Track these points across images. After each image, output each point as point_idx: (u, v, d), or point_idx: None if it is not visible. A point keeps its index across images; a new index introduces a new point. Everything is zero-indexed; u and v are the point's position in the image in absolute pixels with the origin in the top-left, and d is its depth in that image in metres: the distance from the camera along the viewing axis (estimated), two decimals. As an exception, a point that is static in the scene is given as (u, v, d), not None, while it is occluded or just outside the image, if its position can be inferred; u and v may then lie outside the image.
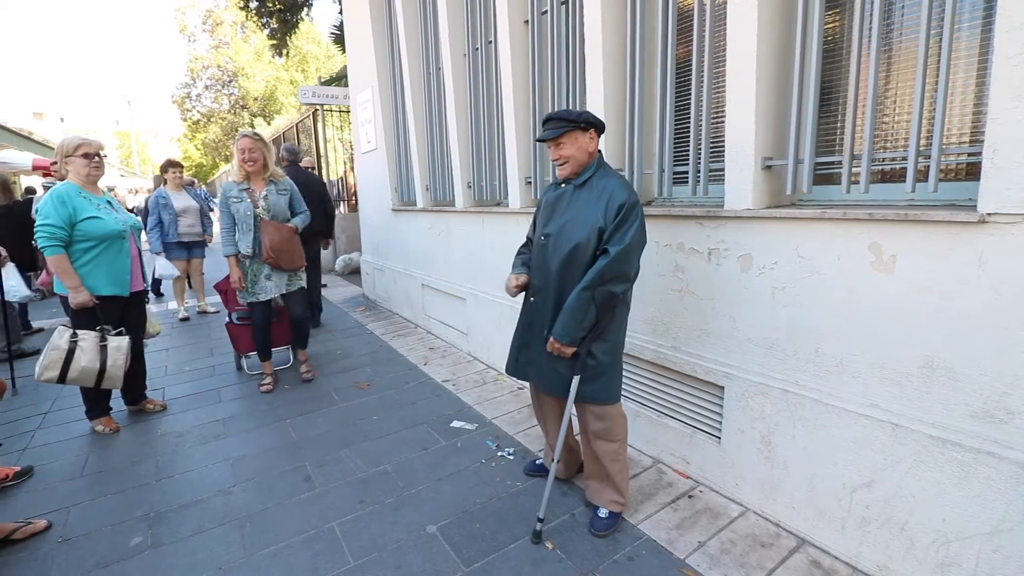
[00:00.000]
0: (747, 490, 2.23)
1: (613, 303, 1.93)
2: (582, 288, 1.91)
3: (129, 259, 2.96)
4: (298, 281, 3.72)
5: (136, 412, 3.38)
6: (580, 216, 1.96)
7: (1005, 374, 1.49)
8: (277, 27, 12.21)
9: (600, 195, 1.94)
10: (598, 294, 1.90)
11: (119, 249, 2.90)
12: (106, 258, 2.85)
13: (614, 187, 1.94)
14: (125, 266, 2.94)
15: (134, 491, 2.51)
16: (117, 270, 2.90)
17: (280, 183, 3.58)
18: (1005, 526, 1.52)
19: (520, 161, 3.46)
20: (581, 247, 1.94)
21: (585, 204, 1.97)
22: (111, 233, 2.83)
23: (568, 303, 1.94)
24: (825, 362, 1.91)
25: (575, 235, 1.95)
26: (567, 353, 1.99)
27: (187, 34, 26.59)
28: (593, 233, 1.91)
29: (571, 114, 1.97)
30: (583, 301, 1.91)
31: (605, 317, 1.94)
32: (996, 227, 1.46)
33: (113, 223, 2.86)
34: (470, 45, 3.93)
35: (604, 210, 1.91)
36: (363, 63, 5.83)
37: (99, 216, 2.80)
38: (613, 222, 1.89)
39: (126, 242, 2.94)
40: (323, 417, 3.25)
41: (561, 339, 1.96)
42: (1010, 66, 1.38)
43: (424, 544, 2.08)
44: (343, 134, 10.20)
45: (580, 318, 1.93)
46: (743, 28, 1.98)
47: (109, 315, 2.92)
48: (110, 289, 2.88)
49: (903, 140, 1.79)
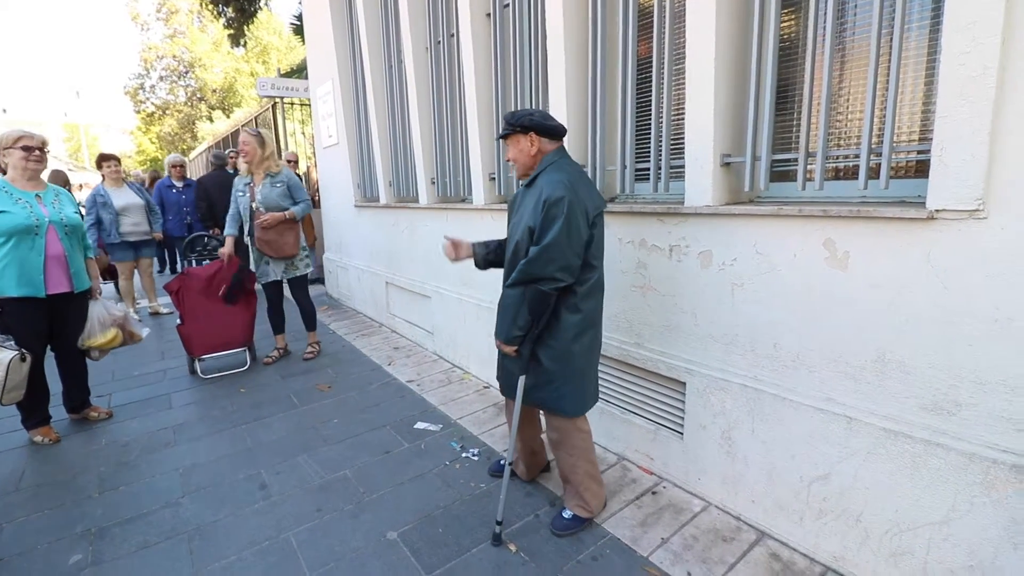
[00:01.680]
0: (709, 485, 2.24)
1: (546, 301, 1.86)
2: (507, 286, 1.92)
3: (43, 257, 2.72)
4: (294, 271, 4.03)
5: (79, 420, 3.19)
6: (522, 216, 1.95)
7: (953, 367, 1.53)
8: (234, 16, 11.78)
9: (536, 193, 1.89)
10: (528, 292, 1.85)
11: (30, 246, 2.67)
12: (16, 255, 2.64)
13: (545, 183, 1.86)
14: (37, 264, 2.70)
15: (74, 505, 2.37)
16: (28, 268, 2.67)
17: (276, 176, 3.85)
18: (954, 515, 1.56)
19: (484, 157, 3.40)
20: (519, 247, 1.92)
21: (526, 204, 1.95)
22: (17, 228, 2.62)
23: (499, 301, 1.97)
24: (783, 357, 1.93)
25: (516, 236, 1.95)
26: (507, 351, 2.00)
27: (140, 22, 25.50)
28: (526, 233, 1.88)
29: (513, 117, 1.97)
30: (511, 299, 1.90)
31: (542, 317, 1.89)
32: (944, 223, 1.49)
33: (22, 217, 2.64)
34: (432, 38, 3.85)
35: (534, 208, 1.86)
36: (323, 55, 5.66)
37: (7, 210, 2.61)
38: (539, 220, 1.83)
39: (39, 238, 2.70)
40: (280, 422, 3.14)
41: (496, 336, 1.98)
42: (956, 64, 1.41)
43: (384, 551, 2.02)
44: (306, 128, 9.92)
45: (510, 316, 1.91)
46: (702, 26, 1.97)
47: (28, 319, 2.73)
48: (20, 290, 2.66)
49: (856, 138, 1.82)
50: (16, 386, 2.67)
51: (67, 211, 2.86)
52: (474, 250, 2.26)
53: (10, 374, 2.60)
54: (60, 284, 2.82)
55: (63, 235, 2.81)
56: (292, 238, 3.90)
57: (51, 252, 2.76)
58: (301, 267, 4.07)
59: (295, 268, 4.03)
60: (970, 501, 1.52)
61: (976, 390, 1.49)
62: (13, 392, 2.66)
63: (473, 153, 3.46)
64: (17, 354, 2.63)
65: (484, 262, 2.27)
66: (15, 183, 2.71)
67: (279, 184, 3.84)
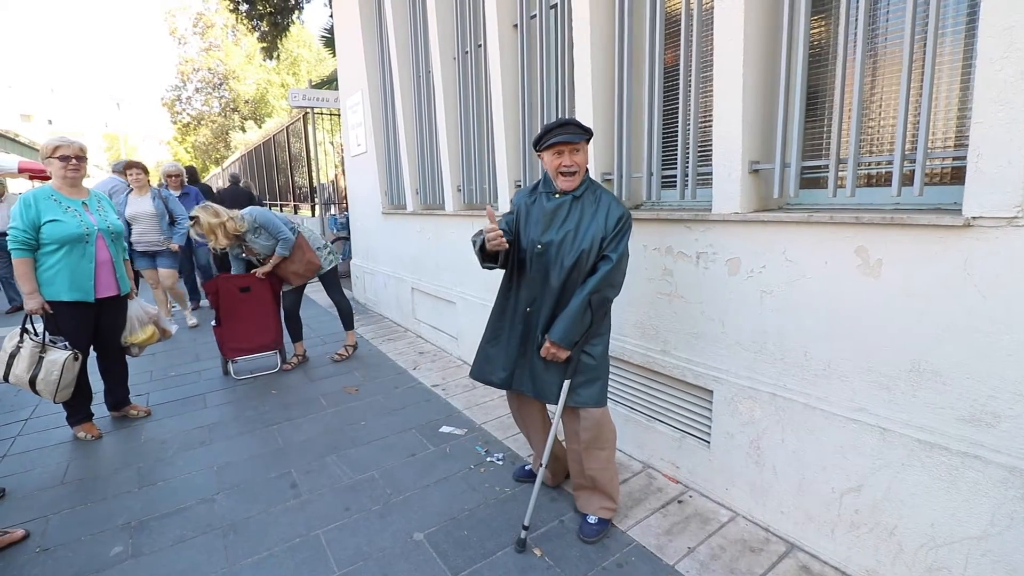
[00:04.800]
0: (736, 495, 2.22)
1: (606, 308, 2.02)
2: (587, 293, 1.95)
3: (93, 263, 2.85)
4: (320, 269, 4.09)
5: (119, 418, 3.32)
6: (582, 226, 1.99)
7: (991, 377, 1.49)
8: (267, 30, 12.16)
9: (599, 206, 2.00)
10: (595, 299, 1.96)
11: (81, 253, 2.80)
12: (68, 262, 2.77)
13: (611, 200, 2.02)
14: (88, 271, 2.83)
15: (115, 499, 2.46)
16: (79, 275, 2.80)
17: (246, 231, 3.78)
18: (993, 530, 1.51)
19: (510, 165, 3.44)
20: (585, 255, 1.97)
21: (586, 214, 2.00)
22: (69, 236, 2.75)
23: (570, 308, 1.97)
24: (813, 366, 1.90)
25: (580, 244, 1.97)
26: (562, 357, 2.01)
27: (177, 36, 26.41)
28: (596, 242, 1.97)
29: (581, 124, 1.98)
30: (584, 305, 1.96)
31: (598, 321, 2.00)
32: (981, 231, 1.46)
33: (74, 226, 2.77)
34: (459, 49, 3.92)
35: (605, 220, 1.97)
36: (353, 66, 5.80)
37: (59, 219, 2.74)
38: (613, 231, 1.96)
39: (90, 246, 2.83)
40: (310, 423, 3.21)
41: (560, 342, 1.98)
42: (994, 69, 1.38)
43: (411, 552, 2.05)
44: (334, 137, 10.16)
45: (578, 320, 1.96)
46: (730, 33, 1.98)
47: (78, 321, 2.85)
48: (72, 295, 2.79)
49: (889, 144, 1.80)
50: (68, 384, 2.81)
51: (111, 218, 2.99)
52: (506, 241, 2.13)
53: (64, 373, 2.75)
54: (109, 288, 2.97)
55: (110, 242, 2.96)
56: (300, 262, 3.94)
57: (100, 259, 2.90)
58: (326, 264, 4.11)
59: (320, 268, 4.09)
60: (1010, 516, 1.47)
61: (1016, 401, 1.45)
62: (65, 390, 2.80)
63: (500, 161, 3.50)
64: (71, 354, 2.78)
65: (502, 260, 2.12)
66: (61, 191, 2.84)
67: (258, 231, 3.81)
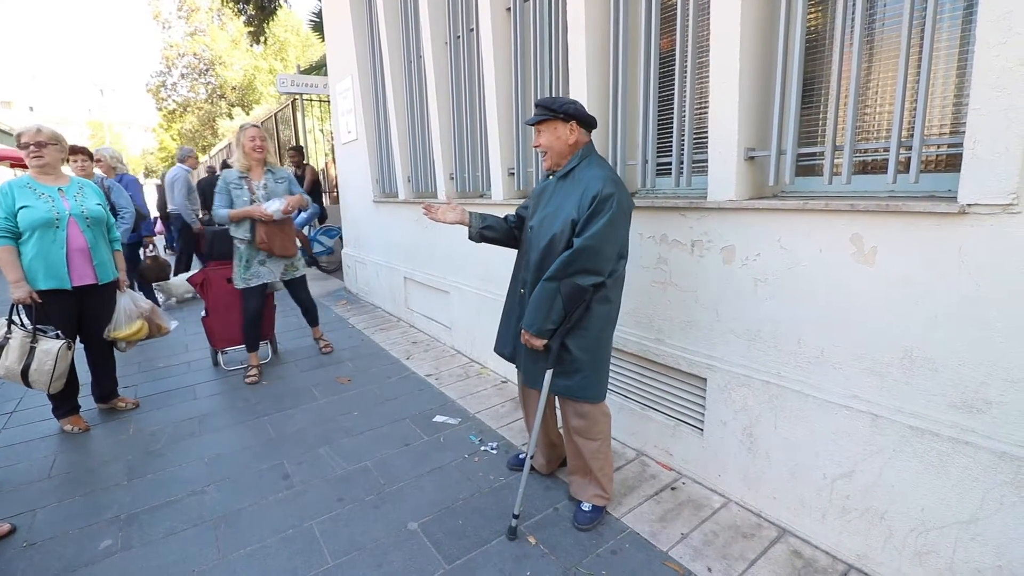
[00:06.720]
0: (729, 481, 2.23)
1: (582, 296, 1.88)
2: (545, 279, 1.89)
3: (64, 249, 2.77)
4: (293, 271, 3.87)
5: (107, 410, 3.28)
6: (559, 208, 1.93)
7: (983, 364, 1.50)
8: (254, 14, 11.87)
9: (578, 186, 1.90)
10: (564, 286, 1.86)
11: (52, 239, 2.73)
12: (41, 249, 2.71)
13: (591, 178, 1.88)
14: (59, 256, 2.75)
15: (104, 492, 2.43)
16: (52, 261, 2.73)
17: (277, 172, 3.73)
18: (982, 514, 1.53)
19: (503, 152, 3.41)
20: (555, 239, 1.90)
21: (564, 196, 1.94)
22: (39, 221, 2.68)
23: (534, 295, 1.93)
24: (807, 353, 1.91)
25: (552, 227, 1.92)
26: (536, 345, 1.96)
27: (161, 21, 25.84)
28: (567, 225, 1.88)
29: (554, 103, 1.92)
30: (546, 292, 1.88)
31: (575, 311, 1.90)
32: (976, 218, 1.46)
33: (43, 211, 2.70)
34: (451, 33, 3.85)
35: (579, 202, 1.87)
36: (342, 51, 5.70)
37: (29, 205, 2.68)
38: (585, 213, 1.84)
39: (60, 231, 2.76)
40: (302, 413, 3.19)
41: (528, 329, 1.95)
42: (992, 56, 1.37)
43: (405, 542, 2.05)
44: (324, 124, 10.02)
45: (545, 310, 1.89)
46: (726, 18, 1.95)
47: (59, 310, 2.80)
48: (48, 283, 2.73)
49: (885, 131, 1.79)
50: (62, 374, 2.78)
51: (89, 204, 2.90)
52: (470, 219, 2.24)
53: (59, 362, 2.71)
54: (85, 276, 2.87)
55: (85, 227, 2.85)
56: (294, 235, 3.81)
57: (74, 245, 2.81)
58: (300, 267, 3.94)
59: (295, 269, 3.87)
60: (999, 500, 1.49)
61: (1007, 388, 1.46)
62: (59, 380, 2.77)
63: (492, 148, 3.46)
64: (64, 343, 2.74)
65: (479, 235, 2.24)
66: (37, 178, 2.79)
67: (282, 180, 3.70)
